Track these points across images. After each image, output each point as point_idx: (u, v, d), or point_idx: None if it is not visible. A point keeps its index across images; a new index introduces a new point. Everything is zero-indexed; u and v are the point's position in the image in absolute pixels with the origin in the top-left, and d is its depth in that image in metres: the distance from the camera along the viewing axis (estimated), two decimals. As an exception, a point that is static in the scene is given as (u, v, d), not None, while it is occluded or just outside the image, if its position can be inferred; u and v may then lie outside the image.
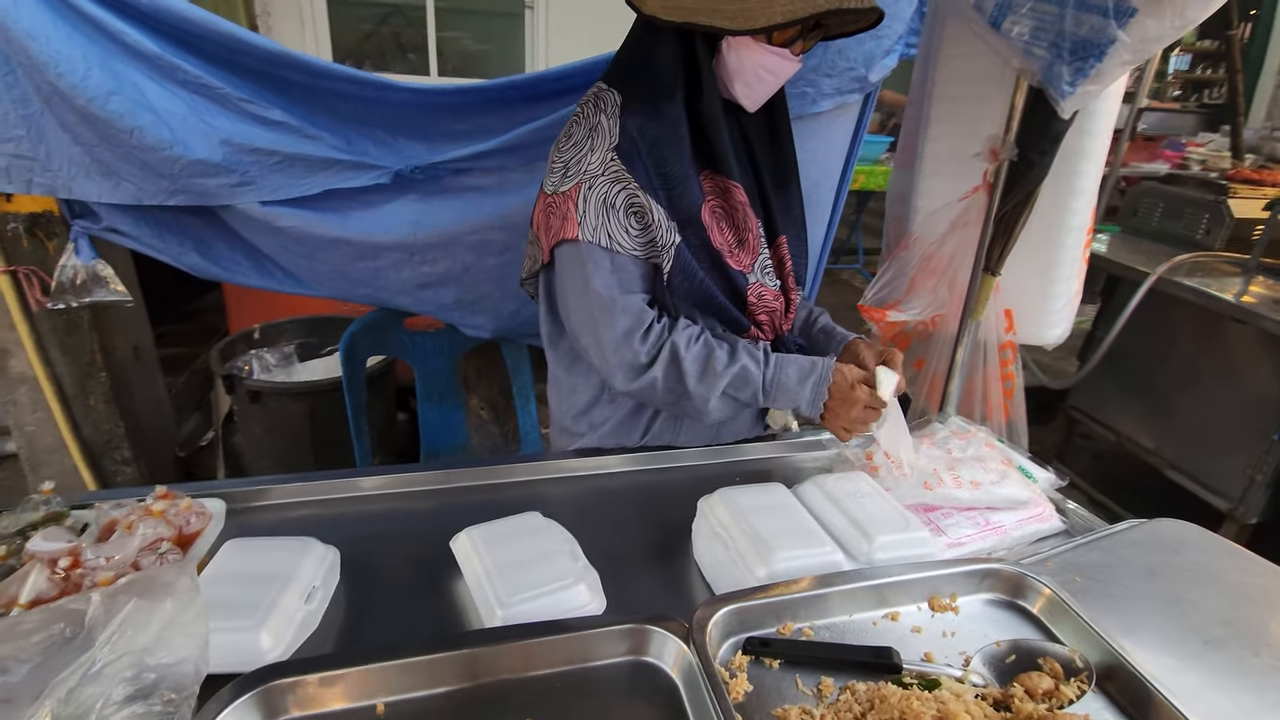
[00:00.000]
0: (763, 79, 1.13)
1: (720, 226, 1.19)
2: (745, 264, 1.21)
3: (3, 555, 0.92)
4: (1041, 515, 1.23)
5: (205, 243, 1.97)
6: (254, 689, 0.73)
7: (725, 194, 1.18)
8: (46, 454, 2.34)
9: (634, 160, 1.11)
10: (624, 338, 1.16)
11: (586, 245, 1.13)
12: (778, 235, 1.26)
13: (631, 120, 1.12)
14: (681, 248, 1.14)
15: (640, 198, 1.11)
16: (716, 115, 1.14)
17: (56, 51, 1.55)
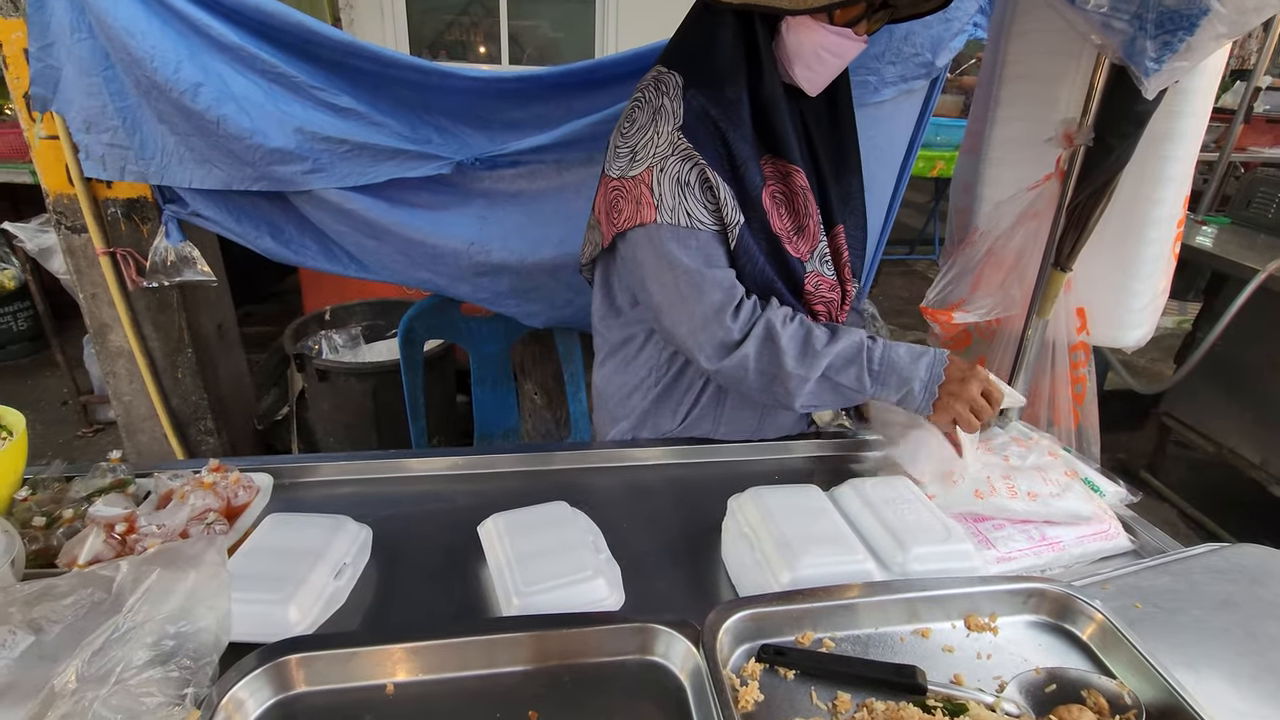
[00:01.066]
0: (824, 60, 1.09)
1: (780, 211, 1.16)
2: (803, 251, 1.18)
3: (70, 518, 1.00)
4: (1106, 533, 1.13)
5: (278, 227, 2.07)
6: (273, 660, 0.76)
7: (786, 179, 1.15)
8: (141, 422, 2.54)
9: (700, 139, 1.10)
10: (715, 314, 1.13)
11: (668, 227, 1.11)
12: (835, 224, 1.22)
13: (695, 100, 1.10)
14: (744, 229, 1.12)
15: (710, 174, 1.10)
16: (777, 98, 1.11)
17: (152, 47, 1.66)
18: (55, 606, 0.65)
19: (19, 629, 0.63)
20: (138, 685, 0.62)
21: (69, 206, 2.14)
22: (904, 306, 4.69)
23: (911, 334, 4.21)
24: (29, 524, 0.99)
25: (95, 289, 2.28)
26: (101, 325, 2.34)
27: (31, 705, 0.61)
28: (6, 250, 3.51)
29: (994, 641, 0.91)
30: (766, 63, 1.10)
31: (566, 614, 0.86)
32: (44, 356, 3.81)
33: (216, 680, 0.71)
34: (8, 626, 0.63)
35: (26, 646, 0.62)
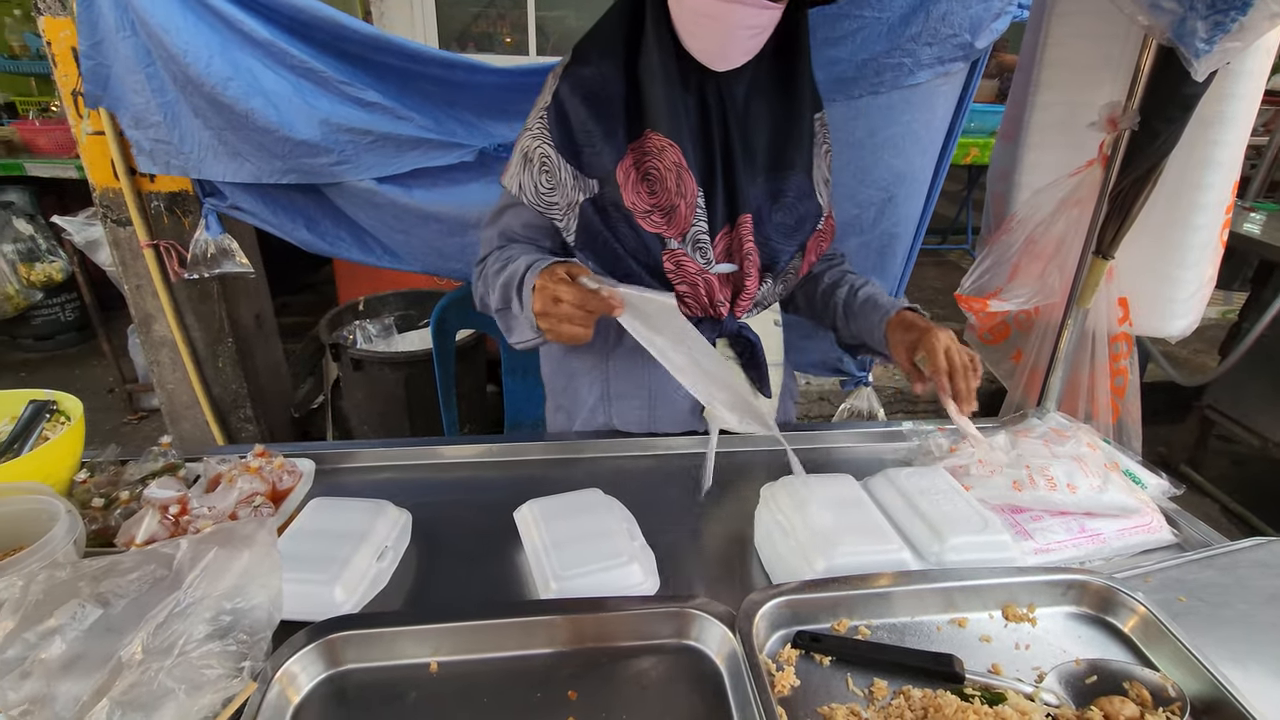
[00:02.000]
0: (704, 26, 1.03)
1: (637, 187, 1.12)
2: (667, 229, 1.13)
3: (126, 499, 1.04)
4: (1148, 526, 1.11)
5: (313, 219, 2.12)
6: (322, 637, 0.79)
7: (659, 154, 1.10)
8: (184, 409, 2.61)
9: (558, 120, 1.13)
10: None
11: (503, 190, 1.22)
12: (741, 213, 1.15)
13: (566, 81, 1.13)
14: (586, 206, 1.13)
15: (551, 158, 1.13)
16: (654, 72, 1.07)
17: (186, 42, 1.70)
18: (120, 581, 0.68)
19: (88, 602, 0.66)
20: (199, 658, 0.65)
21: (115, 200, 2.20)
22: (935, 296, 4.61)
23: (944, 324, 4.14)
24: (88, 505, 1.03)
25: (140, 280, 2.35)
26: (146, 315, 2.42)
27: (101, 674, 0.64)
28: (54, 243, 3.63)
29: (1032, 632, 0.90)
30: (651, 37, 1.07)
31: (605, 597, 0.87)
32: (90, 346, 3.94)
33: (270, 655, 0.74)
34: (77, 600, 0.66)
35: (95, 619, 0.65)
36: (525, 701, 0.77)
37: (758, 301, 1.23)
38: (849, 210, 1.86)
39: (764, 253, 1.19)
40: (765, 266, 1.20)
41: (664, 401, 1.29)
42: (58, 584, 0.66)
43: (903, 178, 1.79)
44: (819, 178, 1.23)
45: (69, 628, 0.65)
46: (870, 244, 1.91)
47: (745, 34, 1.04)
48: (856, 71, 1.62)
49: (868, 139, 1.73)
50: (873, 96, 1.66)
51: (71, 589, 0.66)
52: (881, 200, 1.83)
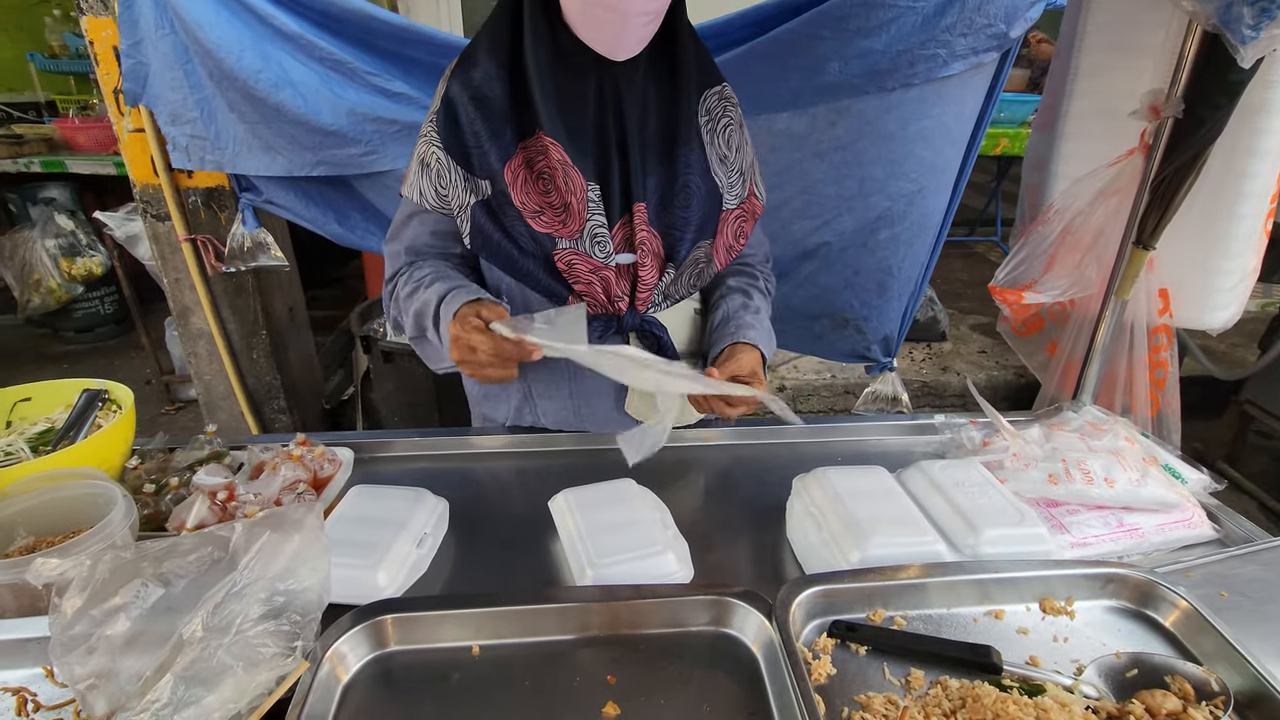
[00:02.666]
0: (600, 19, 1.00)
1: (527, 186, 1.10)
2: (560, 229, 1.11)
3: (176, 485, 1.07)
4: (1189, 521, 1.10)
5: (344, 213, 2.15)
6: (369, 619, 0.82)
7: (546, 152, 1.08)
8: (220, 400, 2.68)
9: (447, 123, 1.12)
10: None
11: (404, 199, 1.21)
12: (634, 202, 1.12)
13: (453, 83, 1.12)
14: (476, 209, 1.12)
15: (441, 161, 1.12)
16: (541, 69, 1.06)
17: (220, 37, 1.74)
18: (181, 562, 0.71)
19: (150, 582, 0.69)
20: (255, 636, 0.67)
21: (154, 196, 2.26)
22: (963, 290, 4.55)
23: (971, 318, 4.09)
24: (139, 490, 1.07)
25: (178, 274, 2.41)
26: (184, 308, 2.48)
27: (162, 651, 0.66)
28: (94, 238, 3.72)
29: (1071, 625, 0.89)
30: (533, 33, 1.05)
31: (643, 585, 0.88)
32: (129, 339, 4.04)
33: (319, 635, 0.76)
34: (140, 580, 0.68)
35: (157, 598, 0.68)
36: (565, 685, 0.79)
37: (666, 294, 1.20)
38: (881, 203, 1.84)
39: (664, 241, 1.16)
40: (666, 256, 1.16)
41: (586, 398, 1.29)
42: (122, 564, 0.69)
43: (933, 170, 1.77)
44: (714, 154, 1.17)
45: (133, 606, 0.67)
46: (899, 235, 1.90)
47: (641, 21, 1.01)
48: (891, 63, 1.60)
49: (900, 131, 1.71)
50: (904, 90, 1.65)
51: (135, 569, 0.69)
52: (911, 193, 1.82)
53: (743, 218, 1.23)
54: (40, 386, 1.17)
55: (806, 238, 1.94)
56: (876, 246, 1.92)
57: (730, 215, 1.21)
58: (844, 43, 1.60)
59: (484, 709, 0.76)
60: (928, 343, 3.76)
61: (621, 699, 0.77)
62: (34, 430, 1.12)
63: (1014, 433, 1.21)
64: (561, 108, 1.08)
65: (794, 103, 1.73)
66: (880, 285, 2.00)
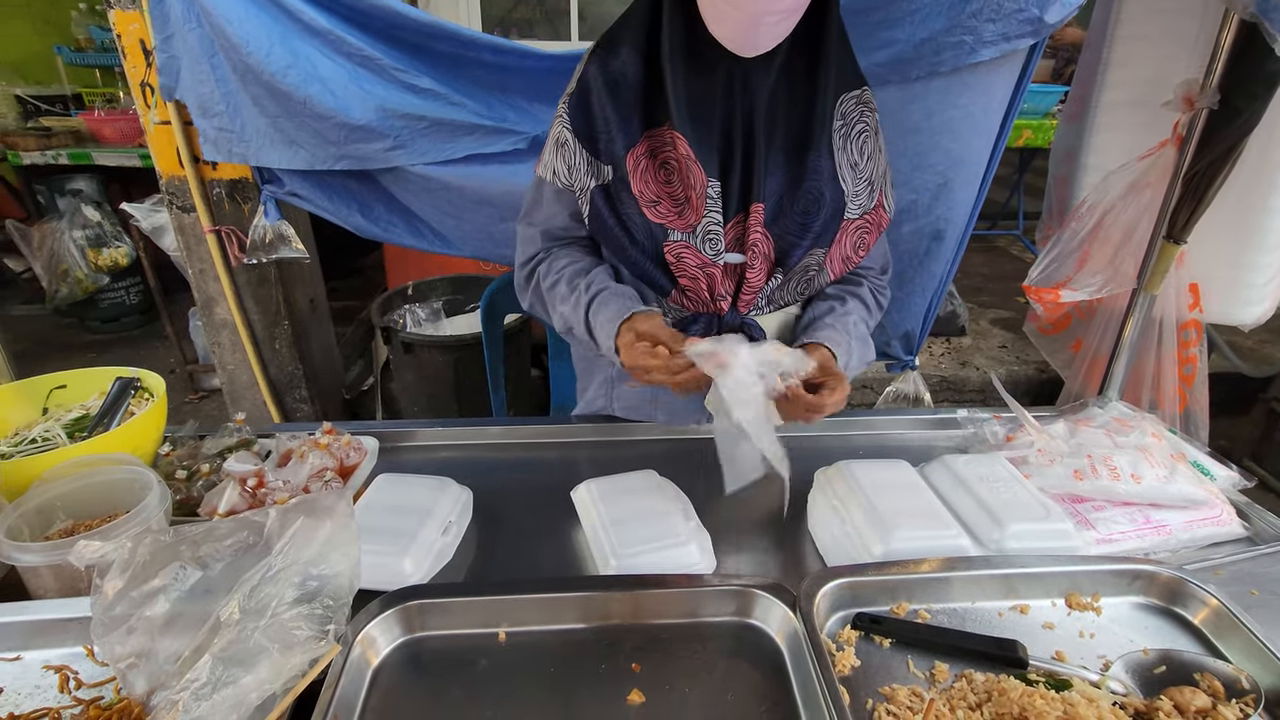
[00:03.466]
0: (726, 15, 0.99)
1: (647, 175, 1.11)
2: (676, 220, 1.11)
3: (207, 472, 1.09)
4: (1217, 518, 1.09)
5: (367, 205, 2.16)
6: (398, 605, 0.83)
7: (673, 145, 1.08)
8: (243, 389, 2.71)
9: (581, 106, 1.13)
10: (520, 264, 1.27)
11: (536, 177, 1.22)
12: (753, 203, 1.10)
13: (590, 68, 1.12)
14: (596, 193, 1.13)
15: (569, 143, 1.14)
16: (674, 61, 1.05)
17: (248, 33, 1.75)
18: (218, 546, 0.72)
19: (189, 565, 0.70)
20: (289, 619, 0.69)
21: (179, 187, 2.29)
22: (984, 284, 4.50)
23: (991, 313, 4.05)
24: (172, 476, 1.09)
25: (203, 265, 2.44)
26: (208, 299, 2.51)
27: (200, 632, 0.68)
28: (120, 229, 3.78)
29: (1097, 621, 0.89)
30: (670, 23, 1.05)
31: (668, 574, 0.89)
32: (153, 328, 4.10)
33: (350, 620, 0.78)
34: (179, 563, 0.70)
35: (195, 580, 0.70)
36: (591, 672, 0.80)
37: (771, 299, 1.18)
38: (904, 196, 1.82)
39: (778, 245, 1.13)
40: (777, 260, 1.14)
41: (662, 394, 1.29)
42: (161, 547, 0.70)
43: (959, 162, 1.75)
44: (844, 160, 1.15)
45: (171, 588, 0.69)
46: (923, 230, 1.88)
47: (772, 19, 0.99)
48: (914, 52, 1.57)
49: (924, 122, 1.69)
50: (929, 79, 1.62)
51: (173, 552, 0.71)
52: (936, 186, 1.79)
53: (865, 229, 1.18)
54: (75, 374, 1.19)
55: (826, 231, 1.92)
56: (899, 240, 1.90)
57: (851, 225, 1.16)
58: (865, 34, 1.58)
59: (511, 694, 0.77)
60: (947, 337, 3.72)
61: (646, 687, 0.78)
62: (70, 417, 1.14)
63: (1039, 428, 1.20)
64: (690, 101, 1.08)
65: (817, 96, 1.71)
66: (903, 280, 1.98)
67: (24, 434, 1.10)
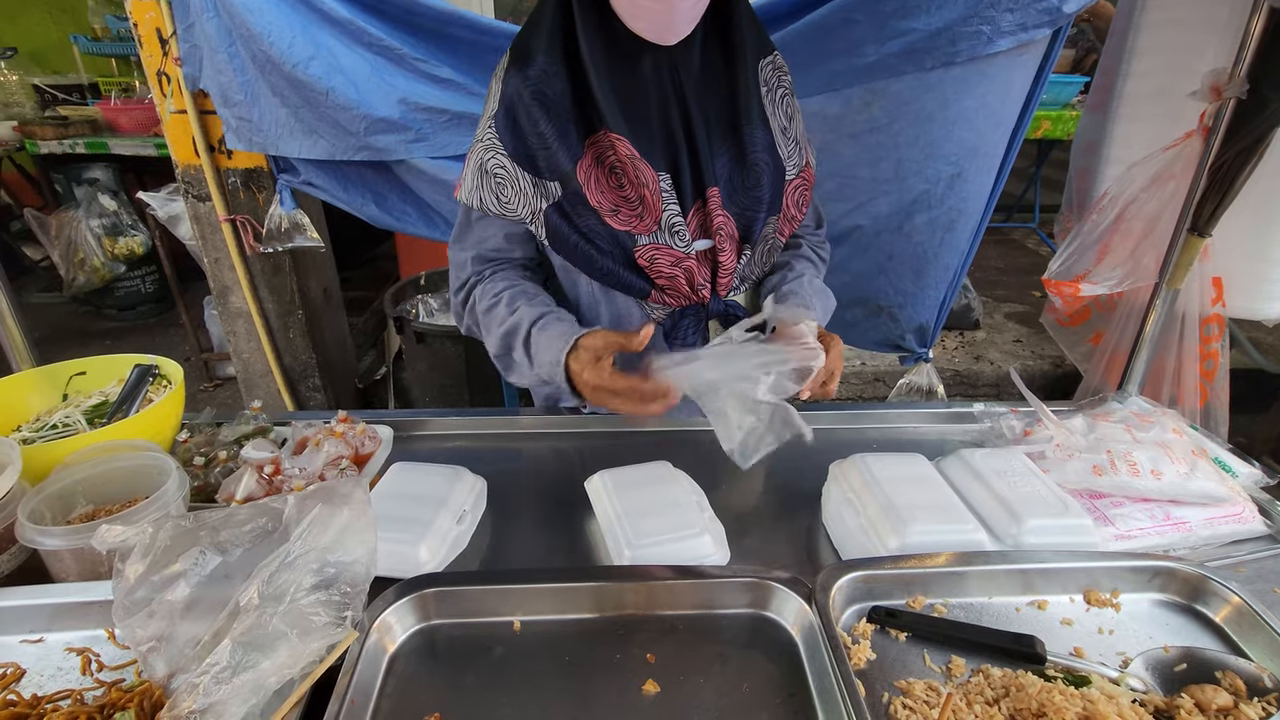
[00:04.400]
0: (645, 7, 0.97)
1: (601, 184, 1.07)
2: (638, 224, 1.08)
3: (224, 459, 1.10)
4: (1239, 515, 1.07)
5: (382, 195, 2.17)
6: (414, 592, 0.83)
7: (611, 148, 1.05)
8: (258, 377, 2.74)
9: (508, 126, 1.08)
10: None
11: (462, 205, 1.17)
12: (706, 188, 1.09)
13: (510, 83, 1.07)
14: (550, 212, 1.09)
15: (506, 168, 1.08)
16: (597, 63, 1.02)
17: (269, 23, 1.75)
18: (237, 532, 0.73)
19: (208, 550, 0.71)
20: (308, 605, 0.69)
21: (195, 176, 2.30)
22: (998, 277, 4.46)
23: (1006, 306, 4.01)
24: (189, 463, 1.10)
25: (218, 254, 2.46)
26: (223, 288, 2.53)
27: (221, 616, 0.68)
28: (136, 218, 3.81)
29: (1116, 618, 0.88)
30: (584, 25, 1.01)
31: (683, 565, 0.89)
32: (168, 317, 4.14)
33: (367, 607, 0.78)
34: (199, 548, 0.71)
35: (215, 566, 0.70)
36: (606, 662, 0.80)
37: (743, 277, 1.18)
38: (917, 186, 1.80)
39: (739, 223, 1.13)
40: (741, 238, 1.14)
41: None
42: (182, 533, 0.71)
43: (974, 152, 1.73)
44: (776, 126, 1.14)
45: (192, 573, 0.70)
46: (937, 220, 1.86)
47: (689, 4, 0.98)
48: (929, 42, 1.55)
49: (939, 112, 1.67)
50: (946, 69, 1.60)
51: (193, 537, 0.71)
52: (950, 175, 1.77)
53: (802, 186, 1.18)
54: (94, 361, 1.21)
55: (838, 221, 1.90)
56: (913, 231, 1.88)
57: (790, 185, 1.16)
58: (879, 24, 1.56)
59: (526, 682, 0.77)
60: (960, 330, 3.69)
61: (661, 677, 0.78)
62: (89, 403, 1.16)
63: (1057, 422, 1.19)
64: (622, 100, 1.05)
65: (829, 85, 1.69)
66: (916, 271, 1.96)
67: (45, 419, 1.12)
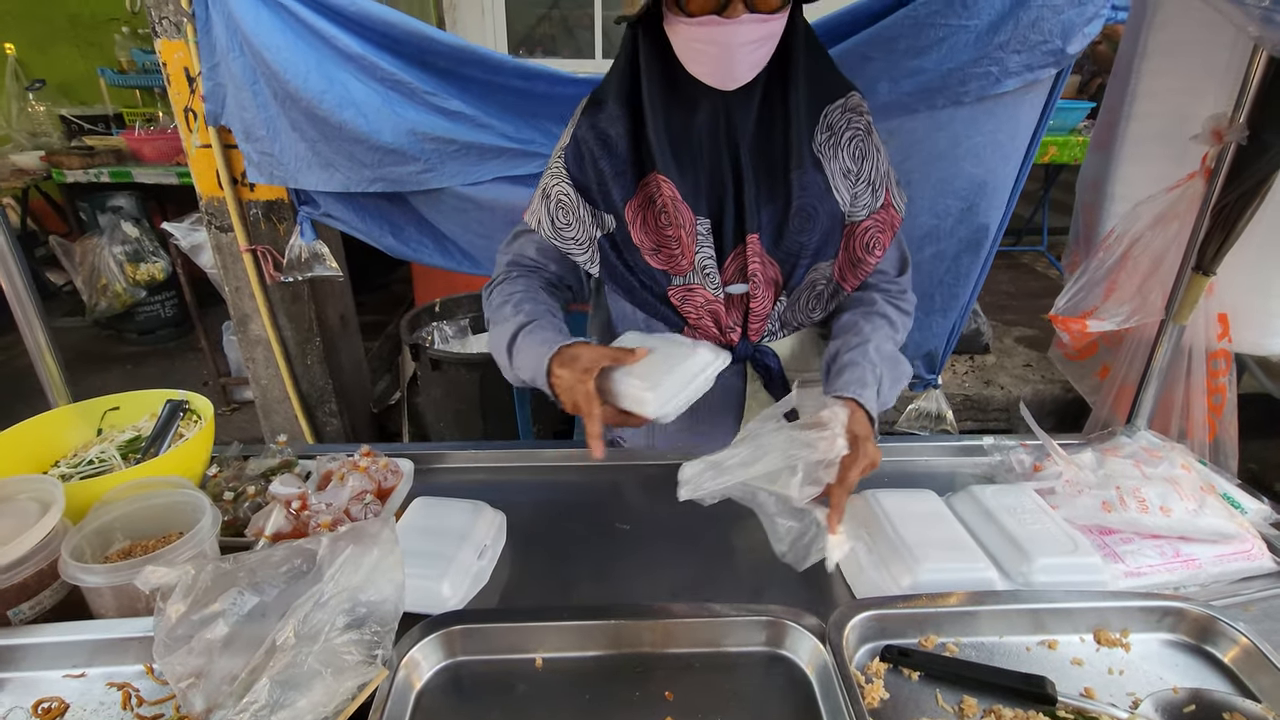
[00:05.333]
0: (703, 52, 1.02)
1: (645, 225, 1.14)
2: (673, 264, 1.14)
3: (253, 493, 1.13)
4: (1248, 553, 1.08)
5: (399, 226, 2.22)
6: (440, 630, 0.86)
7: (660, 190, 1.10)
8: (275, 404, 2.78)
9: (575, 160, 1.17)
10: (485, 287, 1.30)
11: (522, 222, 1.27)
12: (747, 233, 1.12)
13: (583, 121, 1.16)
14: (603, 242, 1.17)
15: (569, 196, 1.18)
16: (655, 108, 1.08)
17: (286, 60, 1.81)
18: (273, 573, 0.76)
19: (246, 590, 0.74)
20: (341, 645, 0.72)
21: (218, 208, 2.37)
22: (1007, 301, 4.47)
23: (1016, 330, 4.02)
24: (219, 497, 1.13)
25: (239, 282, 2.52)
26: (243, 316, 2.58)
27: (258, 654, 0.71)
28: (157, 244, 3.89)
29: (1126, 658, 0.89)
30: (648, 70, 1.07)
31: (699, 604, 0.91)
32: (186, 341, 4.21)
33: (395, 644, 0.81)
34: (237, 588, 0.74)
35: (252, 606, 0.73)
36: (625, 699, 0.82)
37: (784, 322, 1.20)
38: (927, 221, 1.84)
39: (781, 268, 1.16)
40: (782, 282, 1.16)
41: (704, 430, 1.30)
42: (222, 574, 0.74)
43: (983, 187, 1.77)
44: (835, 169, 1.13)
45: (230, 612, 0.73)
46: (945, 252, 1.90)
47: (748, 50, 1.01)
48: (941, 81, 1.60)
49: (950, 150, 1.71)
50: (955, 107, 1.65)
51: (232, 578, 0.74)
52: (959, 210, 1.81)
53: (876, 229, 1.16)
54: (128, 397, 1.25)
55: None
56: (921, 263, 1.92)
57: (858, 228, 1.16)
58: (893, 63, 1.61)
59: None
60: (971, 355, 3.70)
61: (680, 714, 0.80)
62: (123, 438, 1.19)
63: (1066, 458, 1.21)
64: (674, 144, 1.10)
65: (844, 123, 1.74)
66: (925, 297, 1.99)
67: (81, 455, 1.16)
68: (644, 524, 1.17)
